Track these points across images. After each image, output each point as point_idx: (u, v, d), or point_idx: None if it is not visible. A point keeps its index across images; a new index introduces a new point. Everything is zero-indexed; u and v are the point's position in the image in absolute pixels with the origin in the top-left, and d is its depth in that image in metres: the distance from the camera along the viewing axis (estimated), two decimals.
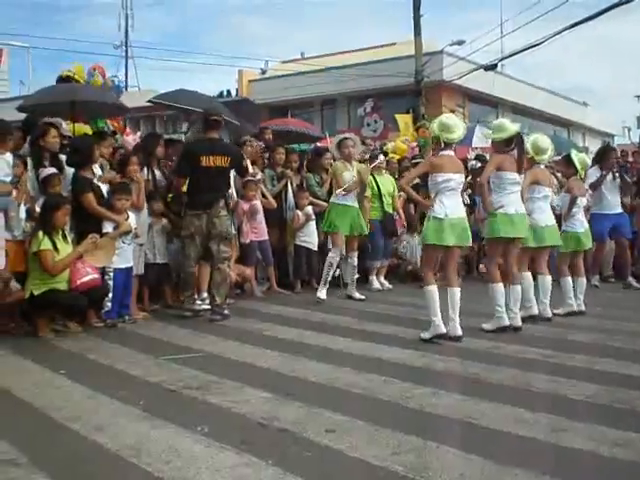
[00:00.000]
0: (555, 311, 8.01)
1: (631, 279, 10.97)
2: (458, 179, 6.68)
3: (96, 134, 9.15)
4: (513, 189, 7.10)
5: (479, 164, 12.14)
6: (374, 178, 10.22)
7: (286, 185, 9.96)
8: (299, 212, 9.80)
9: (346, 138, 9.41)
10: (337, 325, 7.47)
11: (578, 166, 8.27)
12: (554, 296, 7.99)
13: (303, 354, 6.06)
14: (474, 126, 15.33)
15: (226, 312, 7.62)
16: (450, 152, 6.74)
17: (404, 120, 23.96)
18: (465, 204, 7.95)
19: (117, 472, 3.54)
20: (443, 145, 6.72)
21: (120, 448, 3.81)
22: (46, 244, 6.48)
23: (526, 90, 32.43)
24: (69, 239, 6.80)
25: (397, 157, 13.34)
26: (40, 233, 6.50)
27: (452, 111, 29.45)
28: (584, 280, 8.35)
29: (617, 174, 10.88)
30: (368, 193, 9.91)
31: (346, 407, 4.52)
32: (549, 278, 7.84)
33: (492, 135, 7.35)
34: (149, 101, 10.99)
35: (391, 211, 10.49)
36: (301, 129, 13.31)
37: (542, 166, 7.79)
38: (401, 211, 11.55)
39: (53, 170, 7.11)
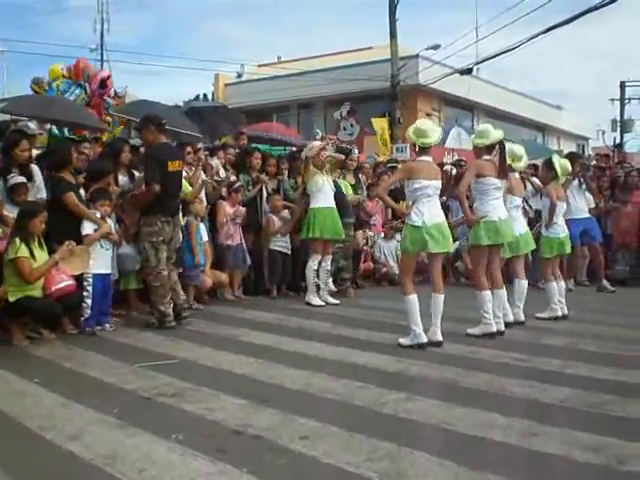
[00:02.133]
0: (539, 315, 8.09)
1: (605, 282, 11.09)
2: (435, 185, 6.68)
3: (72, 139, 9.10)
4: (496, 194, 7.16)
5: (454, 170, 12.24)
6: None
7: (261, 190, 9.97)
8: (274, 217, 9.81)
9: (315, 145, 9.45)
10: (313, 330, 7.49)
11: (559, 171, 8.33)
12: (533, 300, 8.07)
13: (279, 360, 6.06)
14: (450, 127, 15.39)
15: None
16: (427, 157, 6.75)
17: (380, 124, 24.10)
18: None
19: None
20: (419, 150, 6.75)
21: (94, 457, 3.79)
22: (23, 251, 6.42)
23: (501, 94, 32.60)
24: (44, 246, 6.75)
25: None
26: (17, 240, 6.44)
27: (428, 115, 29.64)
28: (563, 284, 8.44)
29: (582, 180, 11.00)
30: None
31: (320, 413, 4.53)
32: (525, 282, 7.91)
33: (475, 140, 7.39)
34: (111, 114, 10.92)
35: None
36: (285, 137, 13.33)
37: (516, 174, 7.85)
38: (378, 215, 11.64)
39: (21, 179, 7.04)
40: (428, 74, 25.72)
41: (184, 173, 8.61)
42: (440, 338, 6.58)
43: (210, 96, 32.22)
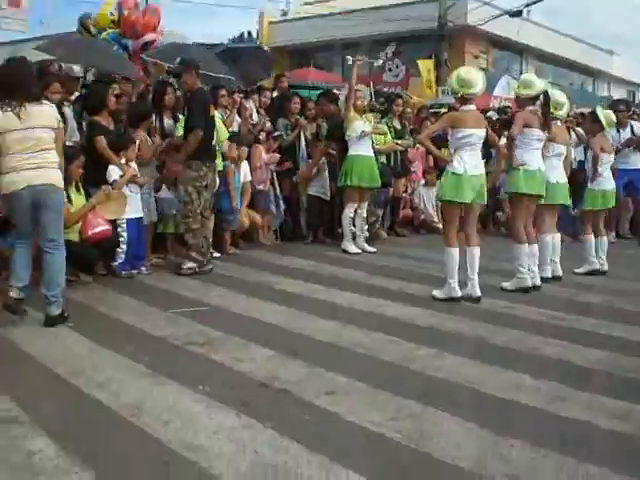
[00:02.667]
0: (577, 270, 7.96)
1: None
2: (479, 134, 6.54)
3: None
4: (537, 145, 7.02)
5: (496, 116, 11.98)
6: None
7: (299, 135, 9.87)
8: (314, 164, 9.72)
9: (356, 90, 9.27)
10: (347, 279, 7.46)
11: (604, 122, 8.09)
12: (572, 255, 7.95)
13: (310, 310, 6.06)
14: (499, 73, 14.99)
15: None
16: (471, 107, 6.60)
17: (426, 66, 23.62)
18: None
19: (116, 433, 3.57)
20: (462, 100, 6.59)
21: (121, 407, 3.85)
22: None
23: (551, 36, 31.68)
24: (82, 191, 6.77)
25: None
26: None
27: (476, 57, 29.01)
28: (606, 239, 8.25)
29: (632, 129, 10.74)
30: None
31: (348, 368, 4.53)
32: (559, 236, 7.77)
33: (519, 90, 7.21)
34: (143, 60, 10.77)
35: (384, 161, 10.32)
36: (320, 83, 13.11)
37: (559, 122, 7.62)
38: (419, 162, 11.49)
39: None
40: (477, 15, 25.06)
41: (219, 116, 8.61)
42: (479, 293, 6.50)
43: (255, 34, 31.92)
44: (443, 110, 12.67)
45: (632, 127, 10.92)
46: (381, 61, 14.42)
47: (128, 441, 3.48)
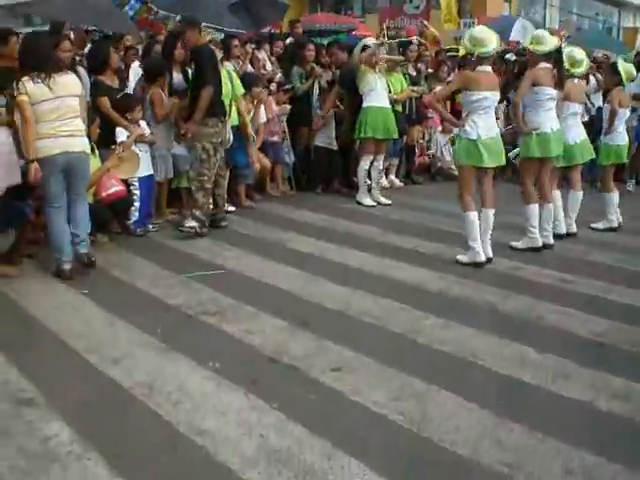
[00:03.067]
0: (594, 225, 7.96)
1: None
2: (493, 97, 6.44)
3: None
4: (550, 105, 6.92)
5: (514, 57, 11.77)
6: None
7: (313, 83, 9.79)
8: (319, 112, 9.67)
9: (367, 45, 9.12)
10: (360, 237, 7.50)
11: (623, 76, 7.95)
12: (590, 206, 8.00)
13: (322, 273, 6.14)
14: (514, 19, 14.68)
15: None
16: (486, 67, 6.49)
17: None
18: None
19: (129, 415, 3.71)
20: (477, 59, 6.48)
21: (133, 385, 3.99)
22: None
23: None
24: (97, 152, 6.83)
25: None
26: None
27: None
28: (617, 194, 8.19)
29: None
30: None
31: (356, 340, 4.64)
32: (580, 194, 7.73)
33: (531, 46, 7.06)
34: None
35: (400, 109, 10.23)
36: (329, 25, 12.90)
37: (575, 80, 7.51)
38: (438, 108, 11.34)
39: None
40: None
41: (232, 67, 8.60)
42: (490, 254, 6.53)
43: None
44: (461, 52, 12.48)
45: None
46: None
47: (140, 424, 3.62)
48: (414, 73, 10.78)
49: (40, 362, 4.35)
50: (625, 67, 8.09)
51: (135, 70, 8.53)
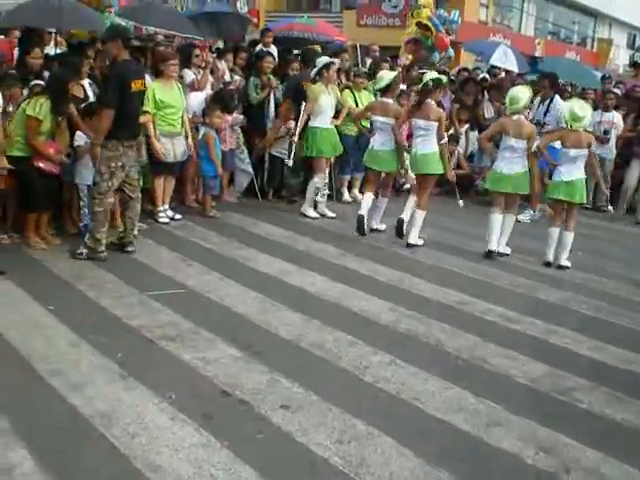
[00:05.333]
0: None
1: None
2: (517, 145, 8.02)
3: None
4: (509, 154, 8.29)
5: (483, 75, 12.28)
6: (353, 94, 10.49)
7: (269, 94, 10.07)
8: (281, 124, 9.92)
9: (332, 63, 9.49)
10: (319, 259, 7.79)
11: (568, 118, 8.06)
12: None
13: (280, 297, 6.41)
14: (497, 44, 15.03)
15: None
16: (519, 116, 8.13)
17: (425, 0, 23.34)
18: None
19: (87, 445, 3.95)
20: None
21: (93, 414, 4.23)
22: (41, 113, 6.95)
23: None
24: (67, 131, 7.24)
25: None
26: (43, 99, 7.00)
27: None
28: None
29: None
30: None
31: (306, 375, 4.92)
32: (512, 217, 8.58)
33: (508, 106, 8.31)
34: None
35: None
36: (306, 34, 13.05)
37: (581, 129, 7.95)
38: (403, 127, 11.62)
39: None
40: None
41: (192, 76, 8.95)
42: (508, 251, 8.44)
43: None
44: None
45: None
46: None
47: (99, 456, 3.85)
48: None
49: (5, 384, 4.56)
50: (572, 108, 8.01)
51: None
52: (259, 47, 11.41)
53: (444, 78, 9.34)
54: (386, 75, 8.91)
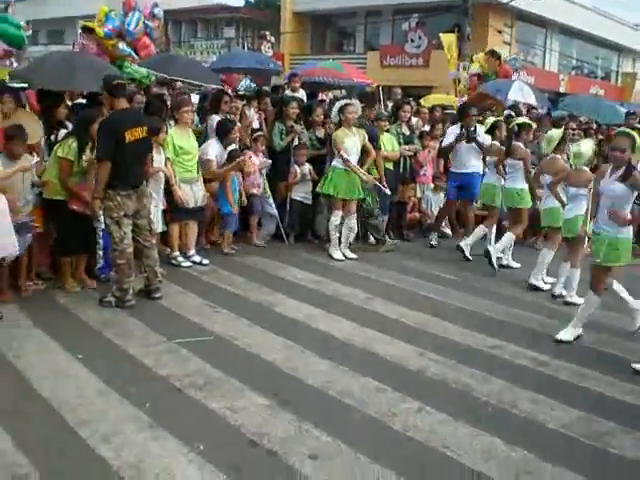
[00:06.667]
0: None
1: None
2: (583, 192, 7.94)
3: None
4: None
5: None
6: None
7: (293, 140, 10.24)
8: (297, 168, 10.13)
9: (349, 104, 9.53)
10: (347, 303, 7.78)
11: (570, 155, 8.40)
12: None
13: (308, 344, 6.40)
14: (511, 82, 15.07)
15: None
16: (584, 168, 8.01)
17: (448, 39, 23.59)
18: None
19: None
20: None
21: (121, 465, 4.24)
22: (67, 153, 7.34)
23: (576, 10, 31.49)
24: None
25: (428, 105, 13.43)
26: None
27: (499, 32, 28.84)
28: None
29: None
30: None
31: (334, 424, 4.89)
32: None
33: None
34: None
35: (391, 168, 10.60)
36: (328, 79, 13.21)
37: (583, 167, 8.13)
38: (429, 166, 11.68)
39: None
40: None
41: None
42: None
43: None
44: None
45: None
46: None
47: None
48: (407, 132, 11.12)
49: (34, 434, 4.58)
50: (581, 148, 8.07)
51: None
52: (287, 91, 11.56)
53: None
54: (555, 134, 8.67)
